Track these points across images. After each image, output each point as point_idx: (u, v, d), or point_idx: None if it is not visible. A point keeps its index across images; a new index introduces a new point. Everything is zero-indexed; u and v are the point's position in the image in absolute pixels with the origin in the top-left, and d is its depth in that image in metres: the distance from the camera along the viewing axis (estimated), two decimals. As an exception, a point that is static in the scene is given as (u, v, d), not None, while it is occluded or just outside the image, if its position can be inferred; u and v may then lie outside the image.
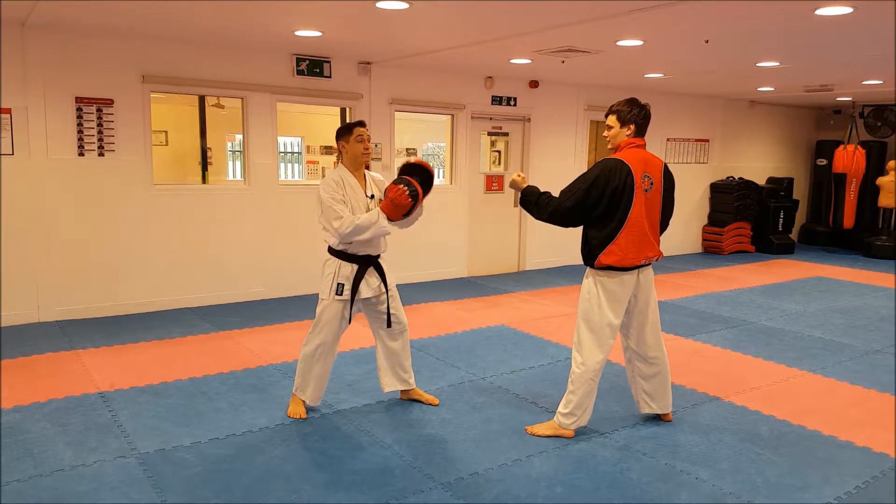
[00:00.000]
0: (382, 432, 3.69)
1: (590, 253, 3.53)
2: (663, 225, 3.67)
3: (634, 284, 3.57)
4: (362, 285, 3.75)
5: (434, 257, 7.91)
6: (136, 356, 4.90)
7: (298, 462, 3.33)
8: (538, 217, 3.58)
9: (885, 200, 10.38)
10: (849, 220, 10.72)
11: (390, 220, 3.65)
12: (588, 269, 3.60)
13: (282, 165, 9.99)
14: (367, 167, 3.93)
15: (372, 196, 3.79)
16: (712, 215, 10.65)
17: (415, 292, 7.15)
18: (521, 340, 5.50)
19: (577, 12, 4.51)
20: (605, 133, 3.62)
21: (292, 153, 10.56)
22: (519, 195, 3.71)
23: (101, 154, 5.81)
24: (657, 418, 3.91)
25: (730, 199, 10.39)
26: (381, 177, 3.97)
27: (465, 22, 4.95)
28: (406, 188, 3.62)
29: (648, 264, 3.60)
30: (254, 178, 6.62)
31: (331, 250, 3.77)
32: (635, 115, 3.52)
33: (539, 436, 3.66)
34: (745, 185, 10.44)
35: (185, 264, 6.33)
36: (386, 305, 3.88)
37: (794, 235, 11.41)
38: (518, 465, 3.34)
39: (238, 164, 9.23)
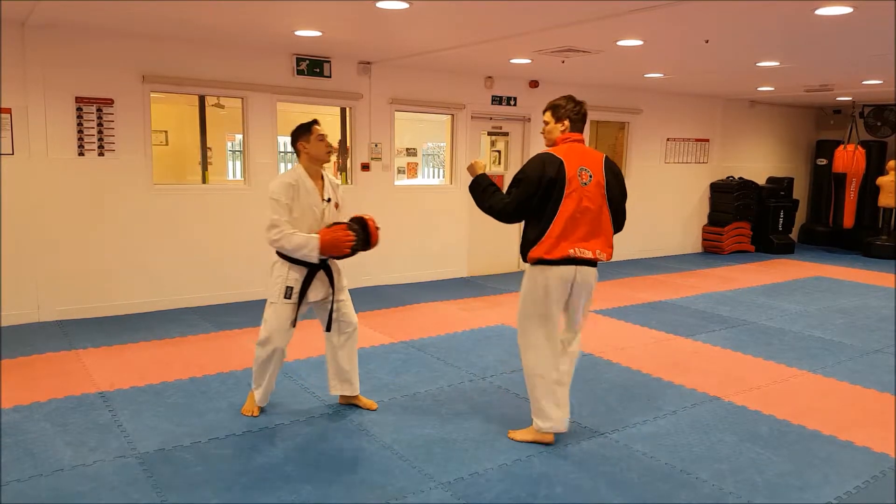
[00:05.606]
0: (382, 432, 3.69)
1: (524, 248, 3.46)
2: (618, 220, 3.53)
3: (571, 282, 3.42)
4: (311, 289, 3.69)
5: (434, 257, 7.90)
6: (136, 356, 4.90)
7: (298, 462, 3.33)
8: (479, 206, 3.55)
9: (885, 200, 10.38)
10: (849, 220, 10.72)
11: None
12: (527, 265, 3.51)
13: (282, 165, 9.98)
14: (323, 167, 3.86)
15: (328, 200, 3.71)
16: (712, 215, 10.65)
17: (415, 292, 7.16)
18: (521, 340, 5.49)
19: (577, 12, 4.51)
20: (541, 130, 3.63)
21: (292, 153, 10.55)
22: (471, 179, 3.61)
23: (101, 154, 5.81)
24: (657, 418, 3.91)
25: (730, 199, 10.38)
26: (338, 181, 3.89)
27: (465, 22, 4.95)
28: (353, 241, 3.58)
29: (589, 263, 3.45)
30: (254, 178, 6.62)
31: (279, 252, 3.67)
32: (570, 110, 3.50)
33: (519, 441, 3.59)
34: (745, 185, 10.44)
35: (185, 264, 6.33)
36: (330, 308, 3.80)
37: (794, 235, 11.41)
38: (518, 465, 3.34)
39: (238, 163, 9.23)
